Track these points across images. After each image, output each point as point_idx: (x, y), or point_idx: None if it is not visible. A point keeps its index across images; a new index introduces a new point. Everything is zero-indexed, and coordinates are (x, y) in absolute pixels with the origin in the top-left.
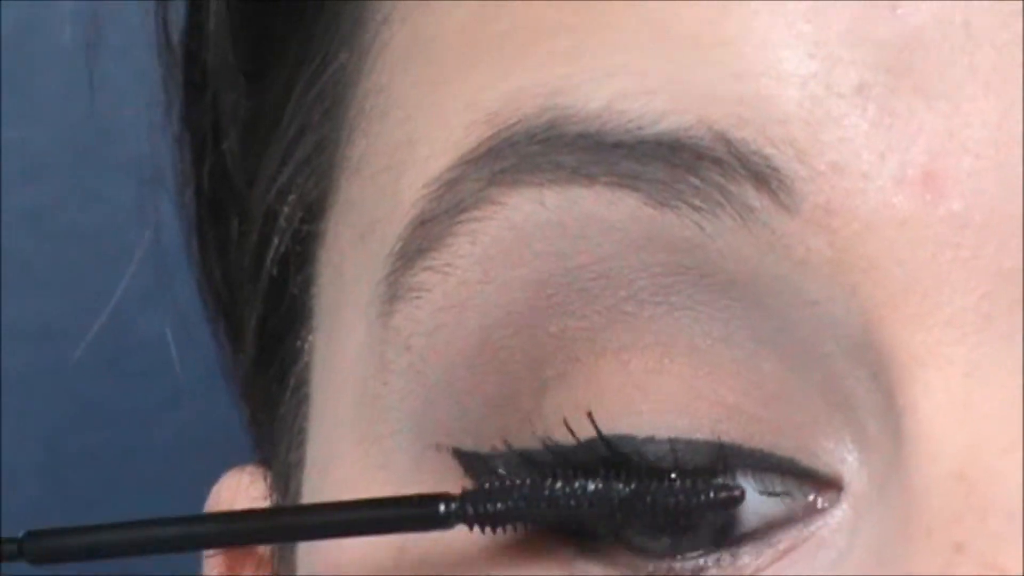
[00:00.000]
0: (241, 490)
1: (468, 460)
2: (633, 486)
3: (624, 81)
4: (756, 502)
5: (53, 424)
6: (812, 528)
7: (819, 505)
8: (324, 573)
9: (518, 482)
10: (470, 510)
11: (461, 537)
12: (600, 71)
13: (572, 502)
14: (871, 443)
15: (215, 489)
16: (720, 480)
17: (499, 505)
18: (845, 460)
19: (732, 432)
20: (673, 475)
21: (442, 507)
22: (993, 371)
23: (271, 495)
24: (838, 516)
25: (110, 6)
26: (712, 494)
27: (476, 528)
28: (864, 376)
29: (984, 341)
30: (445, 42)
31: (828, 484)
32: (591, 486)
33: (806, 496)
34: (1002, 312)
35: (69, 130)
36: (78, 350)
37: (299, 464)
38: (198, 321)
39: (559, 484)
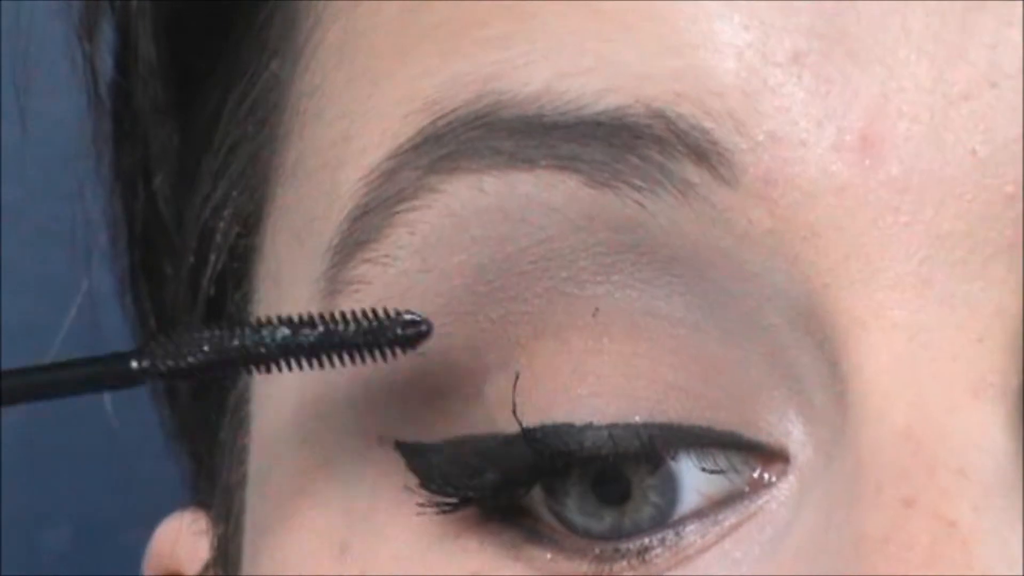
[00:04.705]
0: (184, 526)
1: (410, 451)
2: (321, 330)
3: (560, 62)
4: (698, 480)
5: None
6: (759, 503)
7: (765, 479)
8: (269, 573)
9: (207, 334)
10: (160, 366)
11: (403, 527)
12: (535, 53)
13: (262, 349)
14: (817, 414)
15: (157, 531)
16: (407, 316)
17: (190, 359)
18: (790, 433)
19: (671, 411)
20: (360, 313)
21: (134, 363)
22: (935, 332)
23: (214, 526)
24: (785, 489)
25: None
26: (399, 330)
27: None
28: (809, 345)
29: (925, 304)
30: (378, 36)
31: (774, 457)
32: (280, 332)
33: (752, 471)
34: (941, 275)
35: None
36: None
37: (241, 483)
38: None
39: (247, 331)
